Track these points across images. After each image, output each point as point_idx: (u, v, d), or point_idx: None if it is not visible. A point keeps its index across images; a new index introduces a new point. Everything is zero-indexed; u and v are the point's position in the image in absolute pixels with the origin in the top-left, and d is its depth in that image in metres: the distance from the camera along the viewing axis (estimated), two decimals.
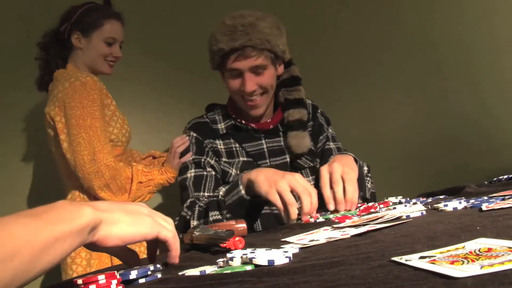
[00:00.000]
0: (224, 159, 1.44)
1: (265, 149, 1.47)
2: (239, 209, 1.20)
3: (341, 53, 2.61)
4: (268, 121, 1.51)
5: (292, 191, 1.08)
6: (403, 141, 2.62)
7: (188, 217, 1.29)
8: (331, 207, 1.15)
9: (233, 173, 1.42)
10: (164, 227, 0.70)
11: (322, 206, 1.17)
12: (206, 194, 1.35)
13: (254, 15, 1.37)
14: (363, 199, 1.34)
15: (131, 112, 2.02)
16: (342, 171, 1.17)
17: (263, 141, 1.48)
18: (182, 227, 1.30)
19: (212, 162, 1.43)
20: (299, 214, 1.09)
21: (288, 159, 1.48)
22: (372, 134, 2.60)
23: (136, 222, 0.66)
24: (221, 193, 1.26)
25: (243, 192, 1.18)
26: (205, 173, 1.40)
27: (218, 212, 1.22)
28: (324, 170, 1.19)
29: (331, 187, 1.17)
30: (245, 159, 1.45)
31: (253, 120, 1.48)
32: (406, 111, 2.67)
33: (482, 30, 2.67)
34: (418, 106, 2.68)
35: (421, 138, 2.63)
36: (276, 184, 1.08)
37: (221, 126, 1.47)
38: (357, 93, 2.61)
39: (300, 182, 1.09)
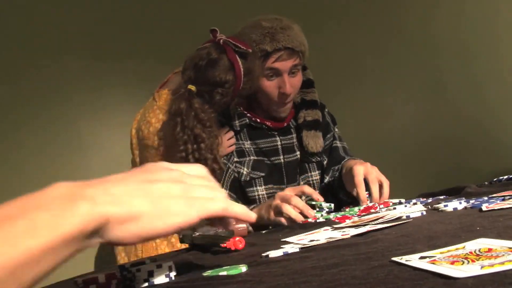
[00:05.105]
0: (235, 159, 1.45)
1: (280, 146, 1.50)
2: None
3: (340, 53, 2.61)
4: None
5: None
6: (404, 141, 2.62)
7: None
8: (368, 203, 1.20)
9: (244, 172, 1.44)
10: (206, 201, 0.50)
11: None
12: None
13: (283, 19, 1.43)
14: None
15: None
16: (377, 173, 1.23)
17: (277, 138, 1.51)
18: None
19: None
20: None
21: (298, 156, 1.52)
22: (372, 134, 2.60)
23: (164, 212, 0.46)
24: None
25: None
26: None
27: None
28: (359, 169, 1.23)
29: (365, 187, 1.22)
30: (256, 157, 1.46)
31: (269, 118, 1.51)
32: (407, 111, 2.67)
33: (483, 30, 2.67)
34: (419, 106, 2.68)
35: (421, 138, 2.63)
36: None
37: (236, 123, 1.49)
38: (357, 93, 2.61)
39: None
